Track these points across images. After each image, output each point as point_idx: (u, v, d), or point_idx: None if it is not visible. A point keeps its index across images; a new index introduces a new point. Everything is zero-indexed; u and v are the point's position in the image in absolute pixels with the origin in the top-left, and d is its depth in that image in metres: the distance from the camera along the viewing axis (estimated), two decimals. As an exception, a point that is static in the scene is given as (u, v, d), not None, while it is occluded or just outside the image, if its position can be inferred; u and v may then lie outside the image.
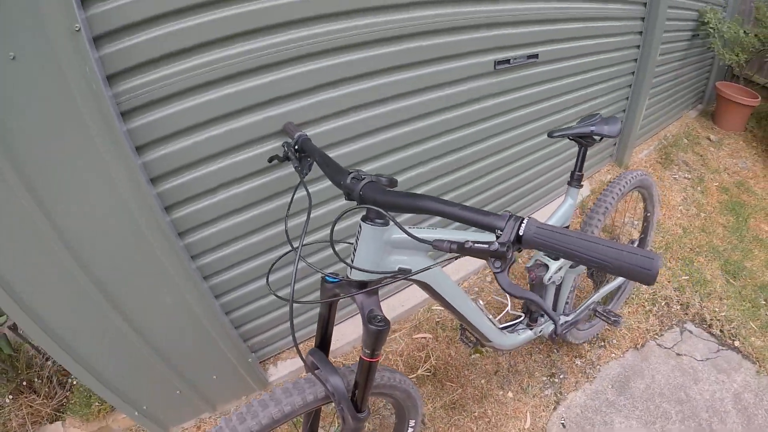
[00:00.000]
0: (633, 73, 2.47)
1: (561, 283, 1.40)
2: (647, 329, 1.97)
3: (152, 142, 1.11)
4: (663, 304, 2.08)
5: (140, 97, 1.04)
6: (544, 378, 1.75)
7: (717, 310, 2.07)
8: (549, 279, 1.25)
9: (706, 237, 2.51)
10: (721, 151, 3.34)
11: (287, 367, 1.70)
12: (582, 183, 1.27)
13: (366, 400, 0.89)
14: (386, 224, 0.78)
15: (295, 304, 1.58)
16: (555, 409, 1.66)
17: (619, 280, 1.61)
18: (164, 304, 1.23)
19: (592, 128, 1.19)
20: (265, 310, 1.56)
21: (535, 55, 1.76)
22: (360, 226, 0.79)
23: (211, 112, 1.16)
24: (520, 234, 0.58)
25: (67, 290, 1.09)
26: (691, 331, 2.00)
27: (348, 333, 1.80)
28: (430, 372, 1.69)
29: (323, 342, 0.94)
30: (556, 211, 1.32)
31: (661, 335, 1.97)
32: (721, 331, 1.98)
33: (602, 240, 0.53)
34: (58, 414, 1.61)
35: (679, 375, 1.81)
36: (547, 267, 1.25)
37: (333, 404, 0.90)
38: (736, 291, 2.19)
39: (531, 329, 1.37)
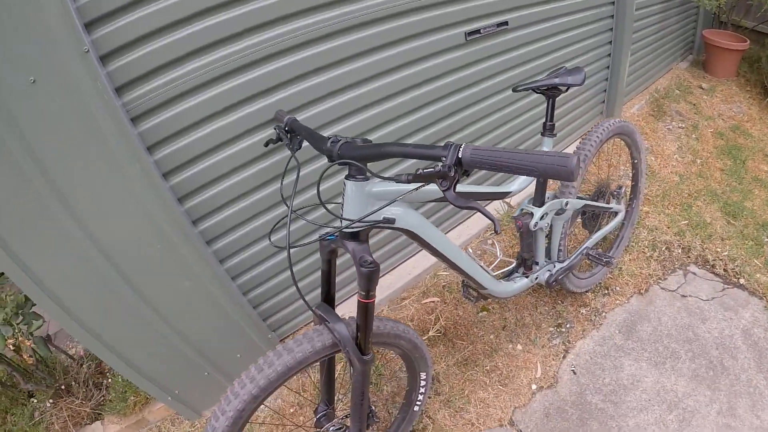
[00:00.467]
0: (611, 29, 2.51)
1: (551, 230, 1.48)
2: (650, 274, 2.00)
3: (162, 141, 1.24)
4: (664, 248, 2.11)
5: (147, 103, 1.17)
6: (551, 329, 1.81)
7: (719, 250, 2.08)
8: (535, 225, 1.32)
9: (704, 182, 2.53)
10: (714, 98, 3.33)
11: (306, 343, 1.80)
12: (555, 132, 1.34)
13: (368, 342, 0.98)
14: (366, 178, 0.88)
15: (301, 277, 1.71)
16: (564, 357, 1.71)
17: (612, 224, 1.68)
18: (185, 289, 1.34)
19: (556, 80, 1.26)
20: (280, 287, 1.66)
21: (505, 23, 1.83)
22: (344, 184, 0.89)
23: (211, 109, 1.28)
24: (460, 157, 0.68)
25: (103, 291, 1.22)
26: (694, 273, 2.02)
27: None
28: (440, 333, 1.76)
29: (328, 296, 1.04)
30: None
31: (665, 279, 1.99)
32: (725, 270, 2.00)
33: (525, 150, 0.65)
34: (96, 413, 1.69)
35: (686, 315, 1.83)
36: (531, 214, 1.33)
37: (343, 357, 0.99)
38: (737, 231, 2.20)
39: (527, 277, 1.45)
